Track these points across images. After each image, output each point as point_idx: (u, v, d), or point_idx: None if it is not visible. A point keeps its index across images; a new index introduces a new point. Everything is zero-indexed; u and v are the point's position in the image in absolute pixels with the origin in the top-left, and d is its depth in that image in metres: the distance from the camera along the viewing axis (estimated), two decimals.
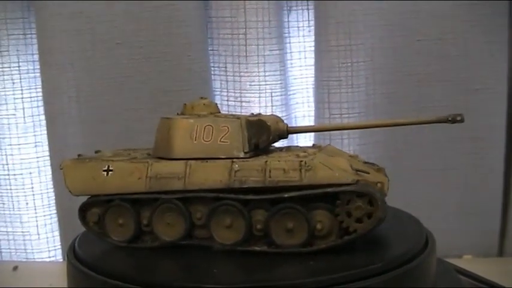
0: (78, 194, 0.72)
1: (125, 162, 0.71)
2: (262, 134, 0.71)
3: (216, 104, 0.76)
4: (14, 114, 1.15)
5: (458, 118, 0.70)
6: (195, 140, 0.69)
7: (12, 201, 1.18)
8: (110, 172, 0.70)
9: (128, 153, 0.76)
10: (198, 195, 0.67)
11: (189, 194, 0.67)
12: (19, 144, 1.16)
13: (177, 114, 0.74)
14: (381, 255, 0.66)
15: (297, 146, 0.84)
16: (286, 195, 0.65)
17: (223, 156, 0.68)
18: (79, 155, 0.75)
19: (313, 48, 1.13)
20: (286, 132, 0.76)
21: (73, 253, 0.72)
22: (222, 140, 0.69)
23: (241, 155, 0.69)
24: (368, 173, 0.67)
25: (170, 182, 0.68)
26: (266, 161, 0.66)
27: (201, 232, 0.69)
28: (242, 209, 0.66)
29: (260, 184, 0.66)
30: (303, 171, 0.65)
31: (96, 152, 0.78)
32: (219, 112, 0.75)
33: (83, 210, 0.73)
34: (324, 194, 0.64)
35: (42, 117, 1.16)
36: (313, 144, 0.83)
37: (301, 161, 0.65)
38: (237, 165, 0.67)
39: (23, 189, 1.18)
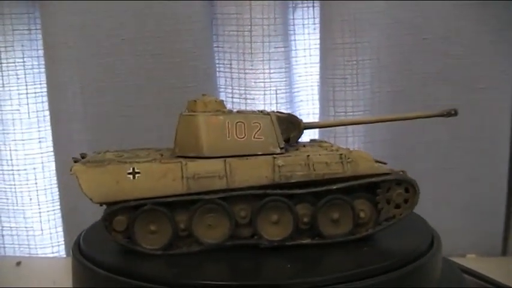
0: (100, 201, 0.66)
1: (154, 163, 0.67)
2: (293, 129, 0.73)
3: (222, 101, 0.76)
4: (18, 110, 1.15)
5: (453, 112, 0.77)
6: (229, 137, 0.68)
7: (16, 196, 1.18)
8: (137, 175, 0.65)
9: (135, 154, 0.73)
10: (245, 193, 0.66)
11: (234, 192, 0.66)
12: (23, 140, 1.16)
13: (190, 110, 0.72)
14: (387, 254, 0.66)
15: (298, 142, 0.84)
16: (334, 187, 0.67)
17: (260, 153, 0.68)
18: (82, 156, 0.72)
19: (318, 46, 1.12)
20: (303, 128, 0.77)
21: (78, 249, 0.71)
22: (256, 136, 0.69)
23: (278, 150, 0.69)
24: (386, 163, 0.72)
25: (211, 182, 0.66)
26: (308, 155, 0.68)
27: (243, 231, 0.68)
28: (290, 204, 0.67)
29: (306, 178, 0.67)
30: (345, 163, 0.68)
31: (98, 153, 0.75)
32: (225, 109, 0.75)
33: (108, 219, 0.67)
34: (366, 184, 0.68)
35: (47, 112, 1.15)
36: (311, 140, 0.84)
37: (341, 154, 0.68)
38: (280, 161, 0.67)
39: (27, 184, 1.18)
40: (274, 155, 0.68)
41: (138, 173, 0.65)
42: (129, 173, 0.65)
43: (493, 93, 1.09)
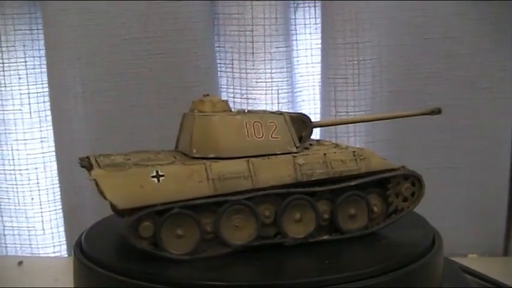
0: (126, 207, 0.61)
1: (177, 165, 0.65)
2: (304, 128, 0.74)
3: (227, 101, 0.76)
4: (20, 110, 1.15)
5: (436, 110, 0.80)
6: (248, 137, 0.68)
7: (18, 196, 1.18)
8: (161, 178, 0.63)
9: (147, 156, 0.70)
10: (271, 192, 0.66)
11: (260, 192, 0.65)
12: (25, 140, 1.16)
13: (198, 111, 0.71)
14: (389, 254, 0.66)
15: None
16: (353, 183, 0.69)
17: (278, 152, 0.68)
18: (87, 158, 0.70)
19: (319, 46, 1.12)
20: (312, 127, 0.77)
21: (79, 248, 0.71)
22: (273, 136, 0.69)
23: (294, 149, 0.70)
24: (385, 159, 0.73)
25: (237, 182, 0.65)
26: (325, 154, 0.69)
27: (267, 230, 0.68)
28: (312, 201, 0.68)
29: (325, 176, 0.68)
30: (358, 160, 0.70)
31: (104, 156, 0.71)
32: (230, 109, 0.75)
33: (134, 226, 0.62)
34: (379, 179, 0.71)
35: (48, 112, 1.16)
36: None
37: (354, 151, 0.70)
38: (301, 159, 0.68)
39: (29, 184, 1.18)
40: (293, 154, 0.68)
41: (162, 176, 0.63)
42: (153, 176, 0.63)
43: (495, 92, 1.09)
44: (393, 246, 0.70)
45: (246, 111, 0.73)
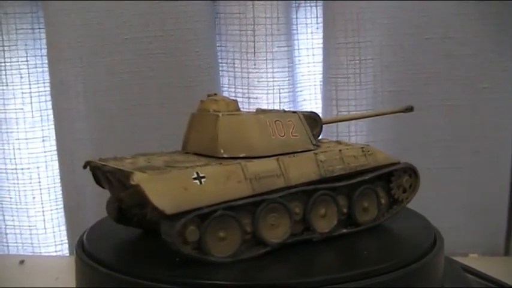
0: (173, 213, 0.58)
1: (215, 166, 0.63)
2: (316, 126, 0.76)
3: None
4: (22, 109, 1.16)
5: (409, 108, 0.84)
6: (273, 136, 0.68)
7: (19, 195, 1.18)
8: (203, 179, 0.60)
9: (163, 159, 0.67)
10: (303, 189, 0.67)
11: (292, 189, 0.66)
12: (27, 139, 1.17)
13: (213, 110, 0.70)
14: (390, 254, 0.66)
15: None
16: (367, 178, 0.72)
17: (299, 150, 0.70)
18: (89, 162, 0.68)
19: (321, 45, 1.13)
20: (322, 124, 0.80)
21: (81, 247, 0.71)
22: (293, 134, 0.70)
23: (311, 147, 0.71)
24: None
25: (272, 181, 0.65)
26: (340, 150, 0.71)
27: (296, 227, 0.68)
28: (335, 196, 0.70)
29: (343, 171, 0.70)
30: (367, 156, 0.73)
31: (115, 159, 0.69)
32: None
33: (180, 231, 0.59)
34: (386, 173, 0.74)
35: (50, 111, 1.16)
36: None
37: (362, 147, 0.74)
38: (322, 156, 0.69)
39: (30, 183, 1.18)
40: (314, 152, 0.70)
41: (204, 177, 0.61)
42: (195, 178, 0.60)
43: (495, 92, 1.09)
44: (395, 245, 0.70)
45: (260, 110, 0.75)
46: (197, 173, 0.60)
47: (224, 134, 0.67)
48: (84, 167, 0.69)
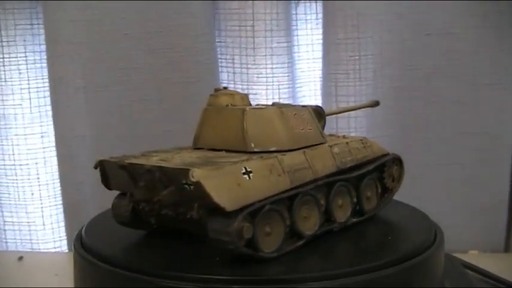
0: (233, 209, 0.56)
1: (257, 161, 0.62)
2: (321, 119, 0.78)
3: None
4: (21, 104, 1.15)
5: (376, 103, 0.89)
6: (295, 129, 0.69)
7: (18, 191, 1.18)
8: (251, 174, 0.59)
9: (192, 155, 0.66)
10: (328, 180, 0.68)
11: (319, 182, 0.67)
12: (25, 135, 1.16)
13: (231, 105, 0.70)
14: (390, 249, 0.66)
15: None
16: (371, 168, 0.75)
17: (315, 143, 0.71)
18: (102, 161, 0.65)
19: (321, 41, 1.12)
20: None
21: (80, 243, 0.71)
22: (308, 127, 0.71)
23: (323, 140, 0.73)
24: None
25: (304, 174, 0.65)
26: (347, 143, 0.73)
27: (321, 218, 0.69)
28: (350, 187, 0.72)
29: (353, 163, 0.73)
30: (367, 147, 0.76)
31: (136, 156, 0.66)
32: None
33: (238, 228, 0.57)
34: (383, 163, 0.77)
35: (49, 107, 1.15)
36: None
37: (361, 139, 0.76)
38: (336, 149, 0.71)
39: (29, 179, 1.18)
40: (328, 144, 0.71)
41: (251, 172, 0.60)
42: (244, 173, 0.59)
43: (496, 89, 1.09)
44: (395, 241, 0.70)
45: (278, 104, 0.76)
46: (245, 168, 0.60)
47: (253, 128, 0.67)
48: (96, 167, 0.67)
